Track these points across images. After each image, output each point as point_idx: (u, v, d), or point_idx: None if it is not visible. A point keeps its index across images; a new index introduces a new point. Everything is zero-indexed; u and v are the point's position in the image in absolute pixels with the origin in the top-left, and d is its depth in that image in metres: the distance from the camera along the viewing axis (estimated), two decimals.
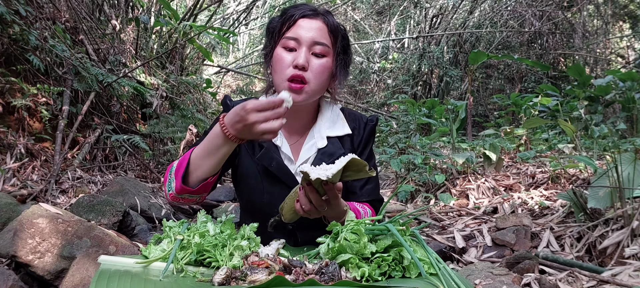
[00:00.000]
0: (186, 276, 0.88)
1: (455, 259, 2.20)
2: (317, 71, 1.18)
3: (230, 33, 5.41)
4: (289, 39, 1.17)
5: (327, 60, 1.20)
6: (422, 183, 3.57)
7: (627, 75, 5.71)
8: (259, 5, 9.60)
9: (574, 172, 3.21)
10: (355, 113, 1.37)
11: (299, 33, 1.17)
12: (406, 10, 11.36)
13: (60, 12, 3.84)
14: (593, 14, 10.58)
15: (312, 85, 1.18)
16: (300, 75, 1.16)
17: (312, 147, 1.27)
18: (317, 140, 1.27)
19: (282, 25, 1.20)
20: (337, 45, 1.23)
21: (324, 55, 1.19)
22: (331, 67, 1.22)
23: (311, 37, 1.17)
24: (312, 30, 1.18)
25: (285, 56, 1.17)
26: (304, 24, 1.18)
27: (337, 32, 1.23)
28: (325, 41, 1.19)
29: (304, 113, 1.28)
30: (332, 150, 1.26)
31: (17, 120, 3.12)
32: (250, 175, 1.27)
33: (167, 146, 4.46)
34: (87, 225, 1.92)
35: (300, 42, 1.17)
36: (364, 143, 1.32)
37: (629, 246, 1.81)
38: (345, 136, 1.29)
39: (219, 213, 3.21)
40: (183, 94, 5.12)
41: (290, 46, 1.18)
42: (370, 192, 1.31)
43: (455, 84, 10.48)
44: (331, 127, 1.29)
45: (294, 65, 1.15)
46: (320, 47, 1.18)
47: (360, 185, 1.30)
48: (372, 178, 1.31)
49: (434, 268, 0.87)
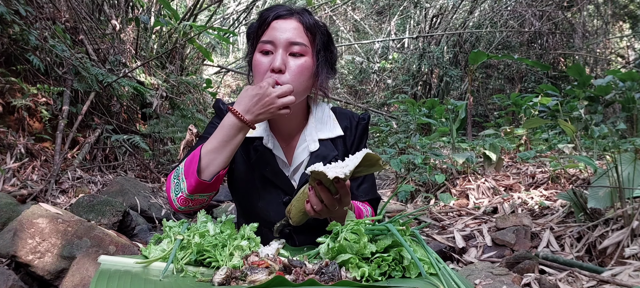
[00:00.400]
0: (186, 276, 0.88)
1: (455, 259, 2.20)
2: (295, 72, 1.14)
3: (230, 33, 5.41)
4: (265, 42, 1.15)
5: (306, 60, 1.16)
6: (422, 183, 3.57)
7: (627, 75, 5.72)
8: (259, 5, 9.60)
9: (574, 172, 3.21)
10: (346, 112, 1.35)
11: (274, 35, 1.14)
12: (406, 10, 11.36)
13: (60, 12, 3.84)
14: (593, 14, 10.58)
15: (292, 87, 1.14)
16: (277, 80, 1.13)
17: (305, 151, 1.26)
18: (309, 143, 1.26)
19: (258, 29, 1.19)
20: (317, 43, 1.20)
21: (302, 54, 1.16)
22: (311, 66, 1.18)
23: (286, 38, 1.14)
24: (287, 30, 1.15)
25: (262, 60, 1.15)
26: (278, 25, 1.16)
27: (314, 30, 1.19)
28: (301, 40, 1.15)
29: (293, 116, 1.23)
30: (325, 153, 1.25)
31: (17, 120, 3.12)
32: (246, 180, 1.27)
33: (167, 146, 4.46)
34: (87, 225, 1.92)
35: (276, 44, 1.14)
36: (357, 142, 1.31)
37: (629, 246, 1.81)
38: (337, 138, 1.28)
39: (219, 213, 3.21)
40: (183, 94, 5.12)
41: (267, 49, 1.15)
42: (368, 191, 1.31)
43: (455, 84, 10.48)
44: (322, 128, 1.28)
45: (271, 69, 1.13)
46: (297, 47, 1.15)
47: (356, 185, 1.29)
48: (369, 177, 1.31)
49: (434, 268, 0.87)
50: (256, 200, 1.27)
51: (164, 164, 4.35)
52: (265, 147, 1.24)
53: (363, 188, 1.30)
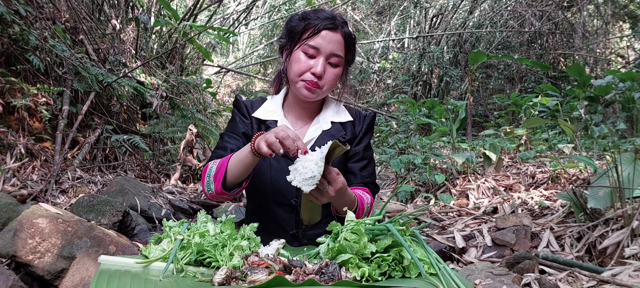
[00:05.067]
0: (186, 276, 0.88)
1: (455, 259, 2.20)
2: (330, 79, 1.34)
3: (230, 33, 5.41)
4: (311, 47, 1.31)
5: (339, 69, 1.36)
6: (422, 183, 3.57)
7: (627, 75, 5.72)
8: (259, 5, 9.60)
9: (574, 172, 3.21)
10: (355, 109, 1.53)
11: (321, 44, 1.30)
12: (406, 10, 11.36)
13: (60, 12, 3.84)
14: (593, 14, 10.58)
15: (324, 89, 1.35)
16: (316, 82, 1.32)
17: (318, 130, 1.41)
18: (322, 124, 1.42)
19: (304, 31, 1.32)
20: (349, 55, 1.39)
21: (338, 65, 1.35)
22: (340, 74, 1.38)
23: (330, 50, 1.31)
24: (332, 42, 1.31)
25: (304, 60, 1.31)
26: (326, 35, 1.31)
27: (350, 43, 1.37)
28: (340, 53, 1.34)
29: (311, 103, 1.43)
30: (334, 132, 1.41)
31: (17, 120, 3.12)
32: None
33: (167, 146, 4.46)
34: (87, 225, 1.92)
35: (320, 52, 1.31)
36: (364, 131, 1.47)
37: (629, 246, 1.81)
38: (347, 122, 1.45)
39: (219, 214, 3.21)
40: (183, 94, 5.11)
41: (310, 53, 1.31)
42: (369, 175, 1.44)
43: (455, 84, 10.48)
44: (334, 115, 1.45)
45: (312, 72, 1.31)
46: (336, 59, 1.33)
47: (359, 167, 1.43)
48: (371, 163, 1.48)
49: (434, 268, 0.87)
50: (268, 171, 1.36)
51: (164, 164, 4.35)
52: (276, 123, 1.39)
53: (366, 171, 1.44)
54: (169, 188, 3.62)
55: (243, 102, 1.45)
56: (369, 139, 1.49)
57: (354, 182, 1.40)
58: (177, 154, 4.24)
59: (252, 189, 1.41)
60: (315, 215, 1.23)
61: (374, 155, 1.55)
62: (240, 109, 1.44)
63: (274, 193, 1.37)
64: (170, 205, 3.14)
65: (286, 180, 1.29)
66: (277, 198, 1.37)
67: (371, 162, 1.47)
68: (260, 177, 1.37)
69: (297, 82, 1.33)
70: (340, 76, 1.39)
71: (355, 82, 12.04)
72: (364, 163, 1.44)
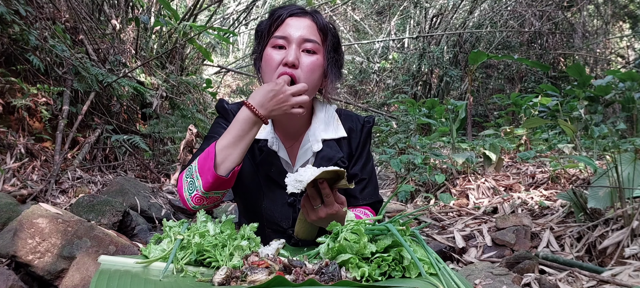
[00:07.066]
0: (186, 276, 0.88)
1: (455, 259, 2.20)
2: (307, 68, 1.16)
3: (230, 33, 5.41)
4: (278, 38, 1.17)
5: (317, 58, 1.18)
6: (422, 183, 3.57)
7: (627, 75, 5.72)
8: (259, 5, 9.60)
9: (574, 172, 3.21)
10: (351, 114, 1.36)
11: (288, 31, 1.16)
12: (406, 10, 11.36)
13: (60, 12, 3.84)
14: (593, 14, 10.58)
15: (302, 80, 1.15)
16: (290, 73, 1.14)
17: (308, 151, 1.26)
18: (313, 144, 1.25)
19: (270, 26, 1.20)
20: (328, 44, 1.22)
21: (315, 52, 1.18)
22: (322, 65, 1.20)
23: (300, 35, 1.16)
24: (301, 28, 1.17)
25: (274, 55, 1.17)
26: (292, 22, 1.17)
27: (326, 30, 1.22)
28: (315, 38, 1.18)
29: (298, 116, 1.21)
30: (331, 155, 1.25)
31: (17, 120, 3.12)
32: (251, 179, 1.27)
33: (167, 146, 4.46)
34: (87, 225, 1.92)
35: (290, 40, 1.16)
36: (361, 145, 1.31)
37: (629, 246, 1.81)
38: (341, 139, 1.28)
39: (219, 214, 3.21)
40: (183, 94, 5.12)
41: (280, 44, 1.17)
42: (371, 194, 1.31)
43: (455, 84, 10.48)
44: (325, 129, 1.27)
45: (284, 62, 1.14)
46: (310, 44, 1.17)
47: (360, 189, 1.30)
48: (372, 178, 1.33)
49: (434, 268, 0.87)
50: (261, 199, 1.27)
51: (164, 164, 4.35)
52: (269, 148, 1.25)
53: (367, 192, 1.31)
54: (169, 188, 3.62)
55: (228, 107, 1.30)
56: (367, 148, 1.34)
57: (355, 204, 1.29)
58: (177, 154, 4.23)
59: (244, 210, 1.36)
60: (308, 233, 1.17)
61: (374, 164, 1.40)
62: (226, 116, 1.29)
63: (269, 222, 1.28)
64: (170, 205, 3.14)
65: (280, 211, 1.26)
66: (272, 227, 1.29)
67: (372, 177, 1.33)
68: (253, 204, 1.30)
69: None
70: (322, 69, 1.20)
71: (356, 82, 12.04)
72: (364, 183, 1.30)
